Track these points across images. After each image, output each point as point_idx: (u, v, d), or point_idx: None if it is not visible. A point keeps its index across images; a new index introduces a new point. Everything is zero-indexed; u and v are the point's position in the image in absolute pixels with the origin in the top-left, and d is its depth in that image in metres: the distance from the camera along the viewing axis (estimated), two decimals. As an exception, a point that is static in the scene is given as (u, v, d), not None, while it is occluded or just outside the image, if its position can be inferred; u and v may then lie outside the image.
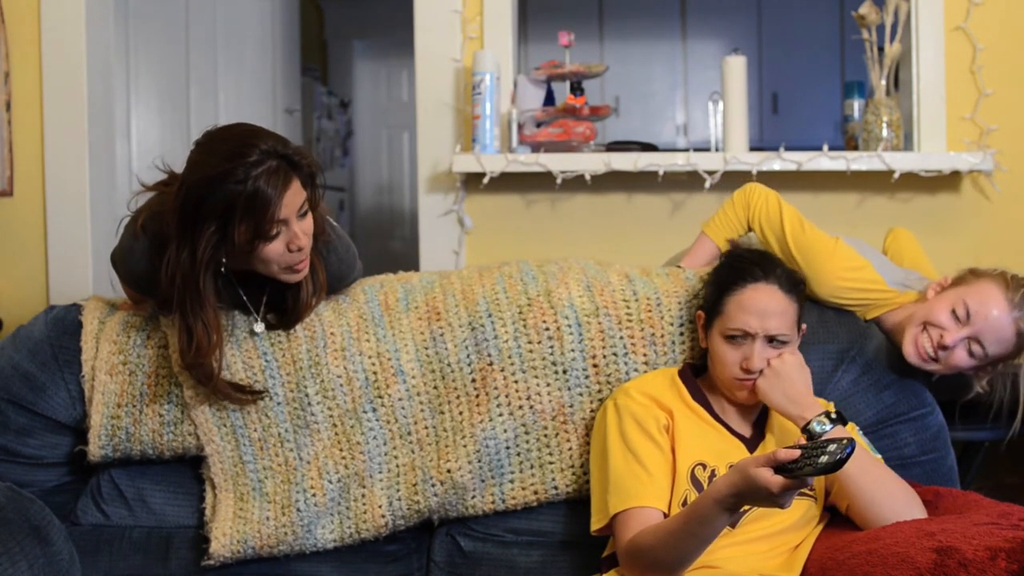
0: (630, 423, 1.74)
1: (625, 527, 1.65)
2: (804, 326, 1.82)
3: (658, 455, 1.71)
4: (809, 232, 1.98)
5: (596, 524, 1.75)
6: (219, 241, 1.69)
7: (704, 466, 1.71)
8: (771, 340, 1.73)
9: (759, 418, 1.82)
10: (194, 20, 3.96)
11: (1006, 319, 1.82)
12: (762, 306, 1.73)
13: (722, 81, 2.86)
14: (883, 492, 1.68)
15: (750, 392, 1.75)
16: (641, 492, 1.67)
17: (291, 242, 1.72)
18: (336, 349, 1.95)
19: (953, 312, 1.85)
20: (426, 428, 1.95)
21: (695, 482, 1.69)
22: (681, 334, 1.96)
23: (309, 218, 1.75)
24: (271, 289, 1.88)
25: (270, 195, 1.65)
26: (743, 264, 1.80)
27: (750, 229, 2.05)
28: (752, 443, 1.77)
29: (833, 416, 1.70)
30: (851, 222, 2.84)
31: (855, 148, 2.98)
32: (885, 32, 2.81)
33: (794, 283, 1.80)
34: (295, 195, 1.70)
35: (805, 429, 1.70)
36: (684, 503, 1.67)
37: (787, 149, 2.76)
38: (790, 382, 1.72)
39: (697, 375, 1.86)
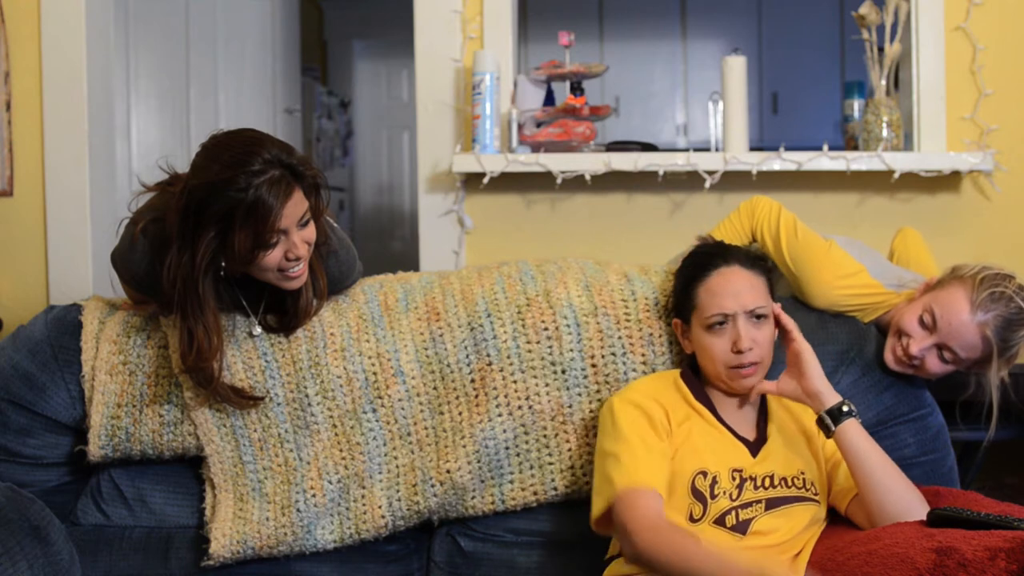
0: (629, 413, 1.74)
1: (632, 504, 1.61)
2: (778, 303, 1.84)
3: (656, 442, 1.70)
4: (802, 238, 1.98)
5: (600, 508, 1.69)
6: (219, 247, 1.70)
7: (705, 474, 1.70)
8: (752, 315, 1.75)
9: (760, 420, 1.82)
10: (194, 20, 3.96)
11: (970, 325, 1.79)
12: (731, 287, 1.76)
13: (722, 81, 2.85)
14: (899, 484, 1.68)
15: (748, 380, 1.75)
16: (643, 475, 1.65)
17: (289, 251, 1.72)
18: (336, 350, 1.95)
19: (921, 320, 1.84)
20: (426, 429, 1.95)
21: (696, 494, 1.68)
22: (681, 334, 1.96)
23: (311, 227, 1.76)
24: (270, 292, 1.88)
25: (271, 204, 1.65)
26: (701, 258, 1.85)
27: (754, 239, 2.06)
28: (755, 446, 1.76)
29: (854, 412, 1.72)
30: (851, 222, 2.84)
31: (855, 148, 2.98)
32: (885, 32, 2.80)
33: (753, 259, 1.83)
34: (296, 205, 1.70)
35: (828, 413, 1.71)
36: (690, 517, 1.67)
37: (787, 149, 2.75)
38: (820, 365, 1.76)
39: (697, 375, 1.86)
